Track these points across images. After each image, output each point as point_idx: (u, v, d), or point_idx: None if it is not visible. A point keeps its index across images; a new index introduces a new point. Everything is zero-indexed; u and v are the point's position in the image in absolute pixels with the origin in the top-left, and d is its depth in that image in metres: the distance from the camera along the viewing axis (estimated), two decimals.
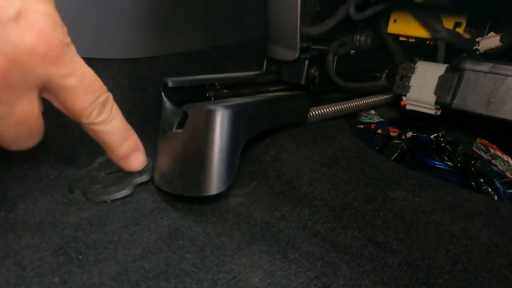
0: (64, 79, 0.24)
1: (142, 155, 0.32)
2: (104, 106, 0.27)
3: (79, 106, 0.26)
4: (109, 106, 0.28)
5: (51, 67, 0.23)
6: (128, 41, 0.41)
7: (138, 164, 0.32)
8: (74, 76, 0.24)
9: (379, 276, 0.25)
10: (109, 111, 0.28)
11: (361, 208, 0.31)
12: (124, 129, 0.29)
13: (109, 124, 0.28)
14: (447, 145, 0.51)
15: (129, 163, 0.31)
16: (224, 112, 0.30)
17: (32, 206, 0.29)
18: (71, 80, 0.24)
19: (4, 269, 0.23)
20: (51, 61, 0.23)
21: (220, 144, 0.29)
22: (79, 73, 0.25)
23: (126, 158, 0.31)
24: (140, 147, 0.32)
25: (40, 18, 0.22)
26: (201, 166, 0.30)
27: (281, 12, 0.42)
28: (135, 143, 0.31)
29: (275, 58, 0.46)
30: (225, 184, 0.31)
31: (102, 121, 0.27)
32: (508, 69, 0.36)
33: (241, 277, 0.24)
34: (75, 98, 0.25)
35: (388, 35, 0.50)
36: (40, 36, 0.22)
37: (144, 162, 0.32)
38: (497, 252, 0.26)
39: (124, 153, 0.30)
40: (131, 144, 0.30)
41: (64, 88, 0.24)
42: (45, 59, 0.22)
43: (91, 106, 0.26)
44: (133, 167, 0.32)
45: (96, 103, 0.26)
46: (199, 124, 0.30)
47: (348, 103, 0.50)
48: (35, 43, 0.22)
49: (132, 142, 0.31)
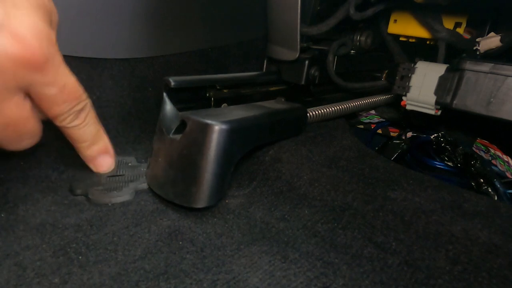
0: (44, 88, 0.25)
1: (109, 159, 0.34)
2: (80, 113, 0.29)
3: (55, 112, 0.27)
4: (84, 113, 0.29)
5: (33, 75, 0.24)
6: (128, 41, 0.41)
7: (105, 167, 0.34)
8: (55, 86, 0.26)
9: (379, 276, 0.25)
10: (83, 118, 0.29)
11: (361, 208, 0.31)
12: (95, 134, 0.31)
13: (81, 129, 0.30)
14: (447, 145, 0.51)
15: (96, 164, 0.33)
16: (222, 127, 0.30)
17: (32, 207, 0.29)
18: (51, 90, 0.25)
19: (5, 270, 0.23)
20: (33, 68, 0.24)
21: (215, 159, 0.30)
22: (60, 84, 0.26)
23: (92, 159, 0.33)
24: (110, 151, 0.34)
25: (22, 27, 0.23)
26: (194, 178, 0.30)
27: (281, 12, 0.42)
28: (105, 147, 0.33)
29: (275, 58, 0.46)
30: (215, 198, 0.31)
31: (75, 126, 0.29)
32: (508, 69, 0.36)
33: (241, 277, 0.24)
34: (52, 105, 0.26)
35: (388, 35, 0.50)
36: (21, 44, 0.23)
37: (112, 166, 0.34)
38: (497, 252, 0.26)
39: (91, 154, 0.32)
40: (100, 148, 0.33)
41: (43, 95, 0.26)
42: (26, 66, 0.23)
43: (66, 113, 0.28)
44: (99, 169, 0.34)
45: (72, 111, 0.28)
46: (197, 136, 0.30)
47: (348, 103, 0.50)
48: (16, 51, 0.23)
49: (101, 146, 0.33)
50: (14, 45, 0.22)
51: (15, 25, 0.22)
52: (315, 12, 0.44)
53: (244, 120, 0.33)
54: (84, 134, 0.30)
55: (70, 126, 0.29)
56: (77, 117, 0.29)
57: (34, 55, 0.23)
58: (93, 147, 0.32)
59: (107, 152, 0.34)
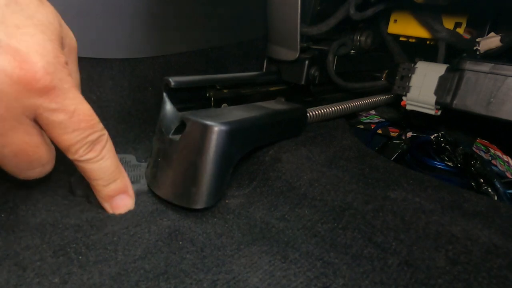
0: (52, 113, 0.23)
1: (128, 199, 0.30)
2: (94, 145, 0.26)
3: (66, 141, 0.25)
4: (100, 146, 0.27)
5: (38, 99, 0.22)
6: (128, 41, 0.41)
7: (122, 208, 0.30)
8: (63, 112, 0.23)
9: (379, 277, 0.25)
10: (99, 151, 0.27)
11: (361, 208, 0.31)
12: (113, 170, 0.28)
13: (97, 163, 0.27)
14: (447, 145, 0.51)
15: (112, 205, 0.30)
16: (222, 128, 0.30)
17: (32, 208, 0.29)
18: (59, 116, 0.23)
19: (5, 270, 0.23)
20: (37, 93, 0.22)
21: (214, 160, 0.30)
22: (70, 109, 0.24)
23: (109, 199, 0.29)
24: (128, 191, 0.30)
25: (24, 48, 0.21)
26: (194, 179, 0.30)
27: (281, 12, 0.42)
28: (123, 187, 0.29)
29: (275, 58, 0.46)
30: (214, 199, 0.31)
31: (89, 159, 0.26)
32: (508, 69, 0.36)
33: (241, 277, 0.24)
34: (62, 134, 0.24)
35: (388, 35, 0.50)
36: (23, 66, 0.21)
37: (130, 207, 0.30)
38: (497, 252, 0.26)
39: (108, 193, 0.29)
40: (118, 186, 0.29)
41: (51, 122, 0.23)
42: (29, 90, 0.21)
43: (78, 144, 0.25)
44: (116, 211, 0.30)
45: (85, 141, 0.25)
46: (196, 138, 0.30)
47: (348, 103, 0.50)
48: (17, 72, 0.21)
49: (119, 185, 0.29)
50: (14, 65, 0.21)
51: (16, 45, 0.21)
52: (315, 12, 0.44)
53: (243, 121, 0.33)
54: (99, 169, 0.27)
55: (84, 159, 0.26)
56: (92, 150, 0.26)
57: (37, 76, 0.21)
58: (110, 185, 0.28)
59: (126, 192, 0.30)
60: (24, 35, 0.21)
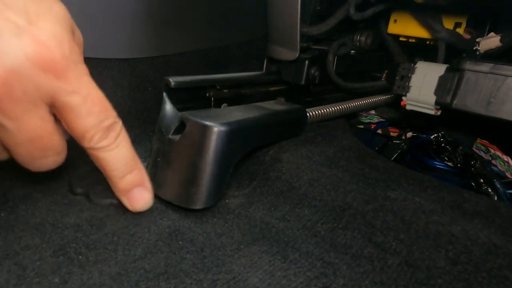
0: (67, 96, 0.24)
1: (147, 194, 0.29)
2: (109, 132, 0.26)
3: (81, 127, 0.25)
4: (115, 133, 0.26)
5: (55, 82, 0.23)
6: (128, 41, 0.41)
7: (142, 203, 0.29)
8: (78, 94, 0.24)
9: (379, 277, 0.25)
10: (114, 138, 0.26)
11: (361, 208, 0.31)
12: (129, 160, 0.27)
13: (112, 151, 0.26)
14: (447, 146, 0.51)
15: (131, 199, 0.29)
16: (221, 129, 0.30)
17: (32, 207, 0.29)
18: (74, 98, 0.24)
19: (5, 270, 0.23)
20: (55, 75, 0.23)
21: (214, 161, 0.30)
22: (84, 93, 0.24)
23: (126, 193, 0.28)
24: (146, 184, 0.29)
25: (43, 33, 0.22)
26: (193, 179, 0.30)
27: (281, 12, 0.42)
28: (140, 179, 0.28)
29: (275, 58, 0.46)
30: (214, 199, 0.31)
31: (104, 147, 0.26)
32: (508, 69, 0.36)
33: (241, 277, 0.24)
34: (77, 117, 0.24)
35: (388, 35, 0.50)
36: (42, 49, 0.22)
37: (150, 203, 0.29)
38: (497, 252, 0.26)
39: (124, 186, 0.28)
40: (135, 178, 0.28)
41: (67, 105, 0.24)
42: (47, 73, 0.22)
43: (93, 129, 0.25)
44: (136, 206, 0.29)
45: (99, 127, 0.25)
46: (196, 138, 0.30)
47: (348, 103, 0.50)
48: (37, 55, 0.22)
49: (136, 176, 0.28)
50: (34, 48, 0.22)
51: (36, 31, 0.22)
52: (315, 12, 0.44)
53: (243, 121, 0.33)
54: (115, 158, 0.26)
55: (98, 146, 0.25)
56: (106, 136, 0.26)
57: (55, 59, 0.22)
58: (127, 176, 0.27)
59: (143, 185, 0.29)
60: (45, 22, 0.23)
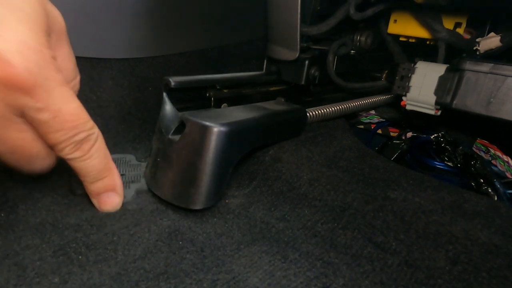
0: (36, 113, 0.23)
1: (116, 198, 0.30)
2: (81, 144, 0.26)
3: (51, 140, 0.25)
4: (88, 145, 0.26)
5: (22, 99, 0.22)
6: (128, 41, 0.41)
7: (109, 207, 0.30)
8: (47, 111, 0.23)
9: (379, 277, 0.25)
10: (87, 150, 0.26)
11: (361, 208, 0.31)
12: (101, 169, 0.28)
13: (83, 162, 0.27)
14: (447, 146, 0.51)
15: (100, 201, 0.30)
16: (221, 129, 0.30)
17: (32, 207, 0.29)
18: (43, 115, 0.23)
19: (5, 270, 0.23)
20: (21, 92, 0.22)
21: (214, 161, 0.30)
22: (54, 109, 0.23)
23: (96, 195, 0.30)
24: (118, 189, 0.30)
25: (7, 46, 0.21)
26: (193, 179, 0.30)
27: (281, 12, 0.42)
28: (112, 184, 0.29)
29: (275, 58, 0.46)
30: (213, 200, 0.31)
31: (76, 158, 0.26)
32: (508, 69, 0.36)
33: (241, 277, 0.24)
34: (47, 132, 0.24)
35: (388, 35, 0.50)
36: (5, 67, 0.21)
37: (118, 206, 0.30)
38: (497, 252, 0.26)
39: (94, 190, 0.29)
40: (105, 184, 0.29)
41: (36, 120, 0.24)
42: (13, 90, 0.22)
43: (63, 143, 0.25)
44: (103, 208, 0.30)
45: (70, 141, 0.25)
46: (196, 138, 0.30)
47: (348, 103, 0.50)
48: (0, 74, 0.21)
49: (107, 183, 0.29)
50: None
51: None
52: (315, 12, 0.44)
53: (243, 122, 0.33)
54: (86, 167, 0.27)
55: (70, 157, 0.26)
56: (78, 149, 0.26)
57: (20, 77, 0.21)
58: (97, 182, 0.28)
59: (114, 190, 0.30)
60: (7, 32, 0.21)
